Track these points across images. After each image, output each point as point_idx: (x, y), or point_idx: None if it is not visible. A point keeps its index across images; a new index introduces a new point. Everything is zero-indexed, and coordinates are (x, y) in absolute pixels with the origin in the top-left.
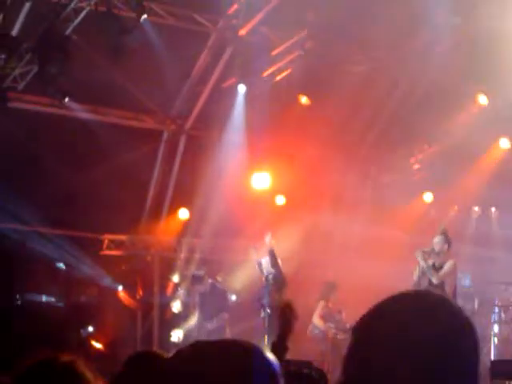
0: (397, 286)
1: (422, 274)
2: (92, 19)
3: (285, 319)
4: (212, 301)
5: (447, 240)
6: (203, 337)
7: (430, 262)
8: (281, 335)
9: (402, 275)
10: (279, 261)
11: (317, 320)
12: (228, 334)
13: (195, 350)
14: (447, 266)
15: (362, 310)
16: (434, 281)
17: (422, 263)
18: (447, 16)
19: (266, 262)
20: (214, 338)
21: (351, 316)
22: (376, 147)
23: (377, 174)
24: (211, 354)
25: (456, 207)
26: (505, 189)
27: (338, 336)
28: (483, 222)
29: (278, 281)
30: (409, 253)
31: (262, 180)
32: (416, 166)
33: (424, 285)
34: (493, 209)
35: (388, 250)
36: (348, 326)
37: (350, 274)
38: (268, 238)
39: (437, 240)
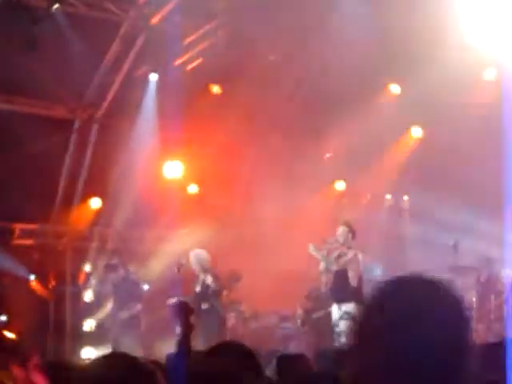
0: (305, 275)
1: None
2: (2, 9)
3: (184, 318)
4: (125, 291)
5: (351, 230)
6: (117, 327)
7: (336, 252)
8: (183, 333)
9: (312, 265)
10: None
11: None
12: (142, 324)
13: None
14: (349, 254)
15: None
16: (327, 267)
17: (317, 255)
18: (356, 5)
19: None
20: (128, 328)
21: (253, 306)
22: (288, 136)
23: (289, 163)
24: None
25: (368, 196)
26: (416, 177)
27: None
28: (395, 210)
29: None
30: (321, 241)
31: (174, 169)
32: (328, 155)
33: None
34: (405, 197)
35: (299, 238)
36: (247, 315)
37: (260, 264)
38: None
39: (340, 231)
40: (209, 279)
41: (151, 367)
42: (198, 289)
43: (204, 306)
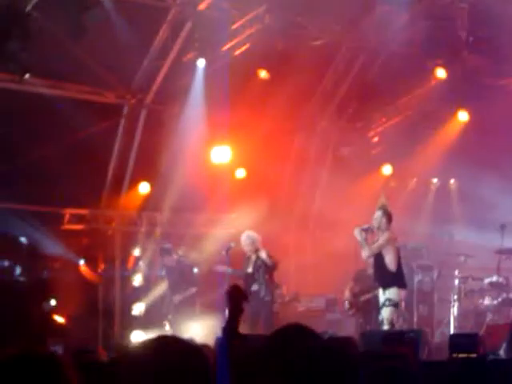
0: (352, 258)
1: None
2: None
3: (234, 302)
4: (179, 274)
5: (385, 214)
6: (172, 310)
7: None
8: (230, 317)
9: (359, 247)
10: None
11: None
12: (196, 307)
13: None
14: (381, 239)
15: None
16: (365, 254)
17: (360, 239)
18: None
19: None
20: (183, 310)
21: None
22: (335, 120)
23: (336, 147)
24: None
25: (415, 179)
26: (463, 161)
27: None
28: (442, 193)
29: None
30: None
31: (222, 154)
32: (375, 139)
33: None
34: (452, 180)
35: (346, 221)
36: (288, 299)
37: (305, 247)
38: None
39: (376, 215)
40: (263, 254)
41: (201, 349)
42: (249, 270)
43: (254, 287)
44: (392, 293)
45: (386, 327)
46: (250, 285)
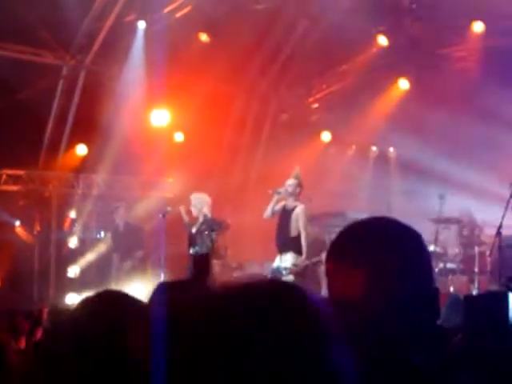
0: None
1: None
2: None
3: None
4: (127, 240)
5: (300, 184)
6: (123, 276)
7: (283, 202)
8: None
9: None
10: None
11: None
12: (148, 267)
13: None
14: (291, 206)
15: (251, 248)
16: (267, 214)
17: (273, 199)
18: None
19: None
20: (135, 274)
21: (238, 256)
22: (275, 86)
23: (276, 112)
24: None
25: (354, 147)
26: (403, 129)
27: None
28: (381, 161)
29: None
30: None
31: (160, 117)
32: (315, 105)
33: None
34: (391, 149)
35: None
36: (234, 265)
37: (244, 213)
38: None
39: (291, 182)
40: (209, 215)
41: (143, 304)
42: (193, 230)
43: (194, 249)
44: (288, 258)
45: None
46: (190, 245)
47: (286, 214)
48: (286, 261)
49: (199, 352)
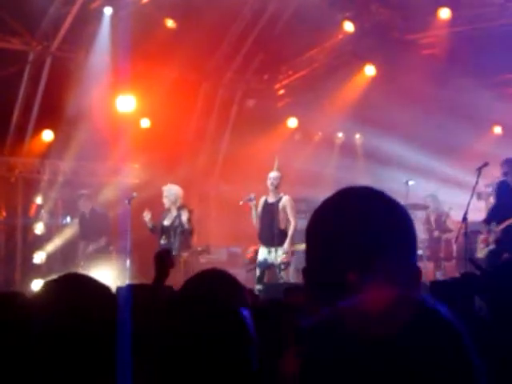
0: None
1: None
2: None
3: (161, 265)
4: (92, 225)
5: (281, 177)
6: (85, 260)
7: (262, 198)
8: (157, 279)
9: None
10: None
11: None
12: (113, 253)
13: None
14: (289, 204)
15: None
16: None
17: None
18: None
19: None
20: (98, 259)
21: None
22: (241, 72)
23: (242, 99)
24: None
25: (320, 133)
26: (369, 116)
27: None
28: (347, 148)
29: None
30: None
31: (126, 103)
32: (281, 92)
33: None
34: (357, 136)
35: (250, 174)
36: (200, 248)
37: (210, 198)
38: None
39: (274, 175)
40: (185, 216)
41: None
42: (166, 222)
43: (163, 241)
44: (281, 251)
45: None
46: (161, 237)
47: (271, 208)
48: (279, 256)
49: None
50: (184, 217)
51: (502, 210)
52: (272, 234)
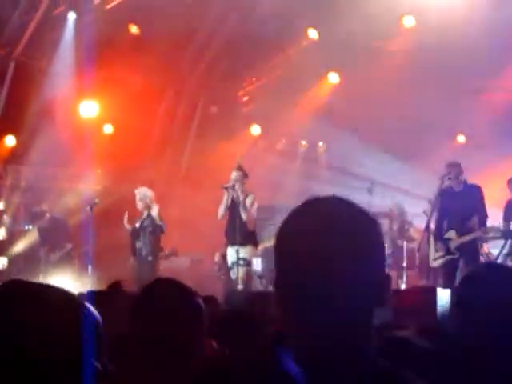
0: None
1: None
2: None
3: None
4: (54, 234)
5: (245, 174)
6: (49, 269)
7: (239, 197)
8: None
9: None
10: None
11: None
12: (76, 260)
13: None
14: (241, 198)
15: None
16: (244, 217)
17: (228, 200)
18: None
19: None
20: (62, 267)
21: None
22: (205, 78)
23: (205, 105)
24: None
25: (284, 140)
26: (333, 123)
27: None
28: (311, 155)
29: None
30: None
31: (89, 108)
32: (245, 98)
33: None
34: (320, 143)
35: (211, 182)
36: (167, 253)
37: (172, 205)
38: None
39: (236, 174)
40: (155, 211)
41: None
42: (137, 224)
43: (138, 244)
44: (246, 251)
45: (239, 287)
46: (134, 240)
47: (237, 206)
48: (246, 253)
49: None
50: (154, 212)
51: (449, 216)
52: (238, 232)
